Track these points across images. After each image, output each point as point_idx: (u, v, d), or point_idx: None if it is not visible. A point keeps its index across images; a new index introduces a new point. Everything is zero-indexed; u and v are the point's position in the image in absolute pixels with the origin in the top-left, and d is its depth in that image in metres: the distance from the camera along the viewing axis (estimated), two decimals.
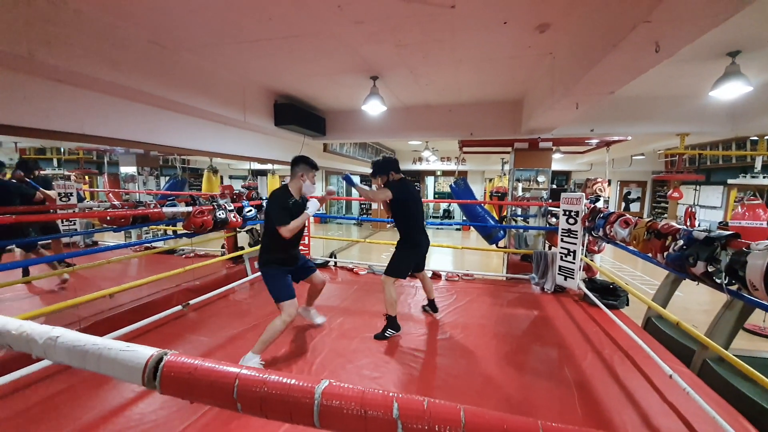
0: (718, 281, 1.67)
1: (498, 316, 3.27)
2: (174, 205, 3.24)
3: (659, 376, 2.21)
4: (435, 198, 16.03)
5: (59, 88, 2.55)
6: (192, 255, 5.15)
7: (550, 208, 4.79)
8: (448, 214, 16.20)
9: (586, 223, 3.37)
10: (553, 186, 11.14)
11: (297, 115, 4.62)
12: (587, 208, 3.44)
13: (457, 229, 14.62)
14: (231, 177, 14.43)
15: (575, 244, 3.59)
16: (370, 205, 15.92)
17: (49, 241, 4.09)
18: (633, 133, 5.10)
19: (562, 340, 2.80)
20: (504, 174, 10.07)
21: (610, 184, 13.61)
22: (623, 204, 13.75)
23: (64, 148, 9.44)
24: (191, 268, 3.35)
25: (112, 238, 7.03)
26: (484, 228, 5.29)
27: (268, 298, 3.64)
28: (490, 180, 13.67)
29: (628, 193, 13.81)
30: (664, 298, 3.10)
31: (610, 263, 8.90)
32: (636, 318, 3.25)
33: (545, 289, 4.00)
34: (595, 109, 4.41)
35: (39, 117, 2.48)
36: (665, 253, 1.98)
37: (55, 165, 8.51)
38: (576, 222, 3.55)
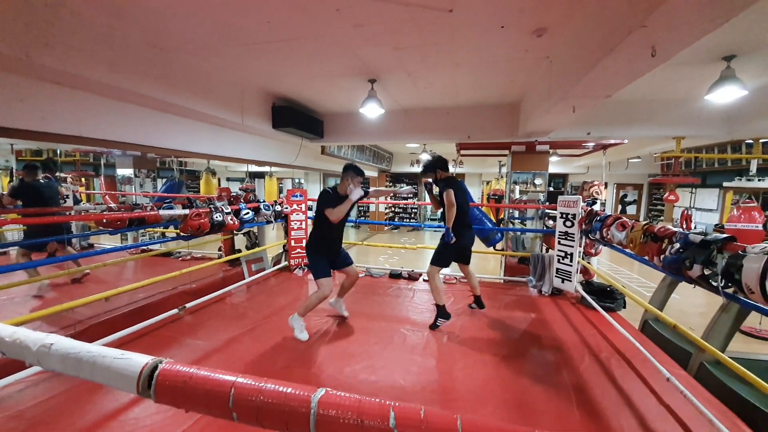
0: (715, 284, 1.68)
1: (495, 318, 3.27)
2: (171, 208, 3.23)
3: (656, 379, 2.21)
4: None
5: (56, 90, 2.54)
6: (189, 258, 5.13)
7: (547, 211, 4.80)
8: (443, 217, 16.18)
9: (583, 226, 3.38)
10: (551, 189, 11.19)
11: (295, 117, 4.63)
12: (584, 211, 3.46)
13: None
14: (228, 179, 14.42)
15: (572, 247, 3.60)
16: (368, 207, 15.92)
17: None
18: (629, 137, 5.13)
19: (560, 343, 2.80)
20: (501, 177, 10.11)
21: (606, 187, 13.72)
22: (620, 207, 13.82)
23: (61, 150, 9.40)
24: (187, 271, 3.33)
25: (109, 241, 6.99)
26: (481, 230, 5.29)
27: (265, 301, 3.67)
28: (488, 182, 13.71)
29: (625, 195, 13.88)
30: (660, 300, 3.12)
31: (607, 266, 8.93)
32: (633, 321, 3.26)
33: (542, 292, 4.00)
34: (591, 112, 4.43)
35: (36, 119, 2.47)
36: (662, 256, 1.99)
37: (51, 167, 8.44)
38: (573, 225, 3.56)
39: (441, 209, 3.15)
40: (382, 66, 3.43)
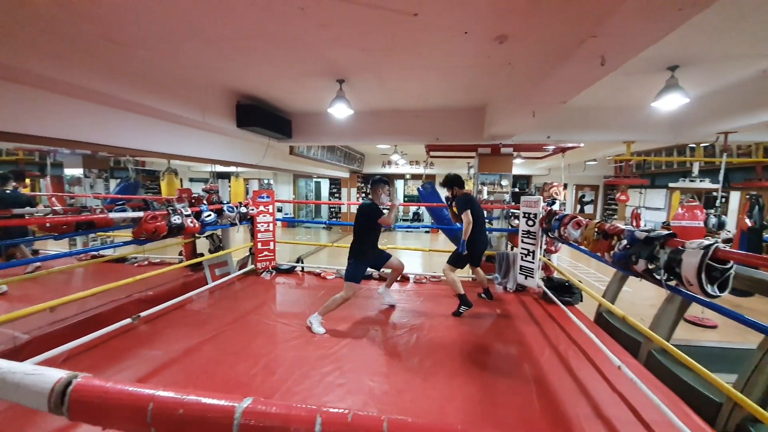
0: (658, 278, 1.81)
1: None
2: (124, 210, 3.02)
3: (609, 368, 2.35)
4: (405, 201, 16.18)
5: None
6: (146, 263, 4.83)
7: (513, 211, 4.98)
8: (417, 217, 16.42)
9: (544, 225, 3.54)
10: (516, 189, 11.65)
11: (261, 116, 4.49)
12: (544, 211, 3.62)
13: (426, 231, 14.85)
14: (192, 180, 13.77)
15: (534, 245, 3.76)
16: (339, 208, 15.80)
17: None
18: (585, 140, 5.45)
19: (522, 337, 2.91)
20: (470, 178, 10.39)
21: (566, 188, 14.50)
22: (578, 206, 14.64)
23: (1, 149, 8.56)
24: (142, 277, 3.13)
25: (57, 247, 6.44)
26: (450, 230, 5.41)
27: (230, 306, 3.53)
28: None
29: (583, 196, 14.72)
30: (613, 294, 3.32)
31: (568, 262, 9.42)
32: (589, 313, 3.45)
33: (507, 289, 4.14)
34: (551, 117, 4.66)
35: None
36: (612, 252, 2.12)
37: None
38: (534, 224, 3.72)
39: (458, 221, 3.57)
40: (350, 67, 3.41)
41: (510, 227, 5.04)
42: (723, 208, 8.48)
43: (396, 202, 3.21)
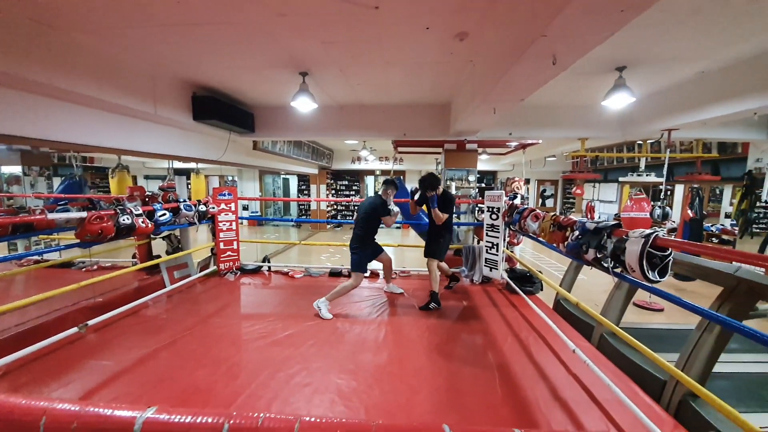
0: (606, 265, 1.93)
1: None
2: (66, 210, 2.78)
3: (565, 352, 2.49)
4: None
5: None
6: (94, 268, 4.48)
7: (480, 206, 5.12)
8: (388, 214, 16.45)
9: (506, 218, 3.67)
10: (482, 185, 12.00)
11: (220, 109, 4.29)
12: (507, 205, 3.75)
13: (397, 227, 14.95)
14: (147, 177, 12.95)
15: (498, 238, 3.89)
16: (309, 205, 15.54)
17: None
18: (543, 137, 5.70)
19: (487, 326, 3.01)
20: (438, 173, 10.56)
21: (529, 183, 15.14)
22: (540, 200, 15.34)
23: None
24: (89, 282, 2.90)
25: None
26: (418, 225, 5.47)
27: (190, 310, 3.37)
28: None
29: (544, 190, 15.46)
30: (569, 282, 3.51)
31: (531, 254, 9.86)
32: (549, 301, 3.63)
33: (474, 281, 4.26)
34: (511, 114, 4.82)
35: None
36: (566, 243, 2.24)
37: None
38: (498, 217, 3.84)
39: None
40: (313, 59, 3.33)
41: (476, 221, 5.18)
42: (668, 200, 9.24)
43: (398, 210, 3.45)
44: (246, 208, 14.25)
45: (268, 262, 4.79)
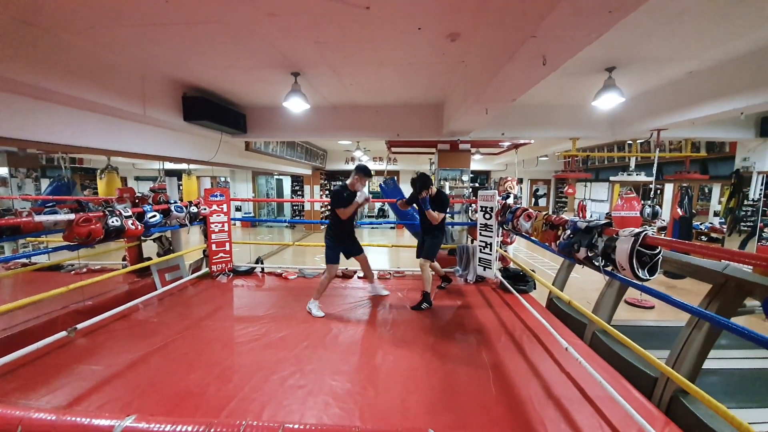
0: (597, 264, 1.95)
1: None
2: (54, 212, 2.72)
3: (558, 350, 2.51)
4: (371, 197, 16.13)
5: None
6: (84, 271, 4.41)
7: (473, 205, 5.15)
8: (383, 213, 16.48)
9: (499, 218, 3.68)
10: (476, 184, 12.06)
11: (211, 110, 4.25)
12: (500, 205, 3.76)
13: (391, 227, 14.95)
14: (138, 178, 12.79)
15: (491, 237, 3.91)
16: (302, 206, 15.47)
17: None
18: (535, 137, 5.74)
19: (481, 326, 3.02)
20: (432, 173, 10.59)
21: (521, 182, 15.24)
22: (533, 200, 15.46)
23: None
24: (78, 285, 2.85)
25: None
26: (412, 226, 5.47)
27: (182, 313, 3.33)
28: None
29: (537, 190, 15.58)
30: (562, 281, 3.54)
31: (524, 253, 9.93)
32: (542, 299, 3.65)
33: (468, 280, 4.28)
34: (503, 114, 4.85)
35: None
36: (558, 242, 2.25)
37: None
38: (491, 217, 3.86)
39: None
40: (305, 60, 3.31)
41: (470, 221, 5.20)
42: (658, 199, 9.37)
43: (359, 200, 3.25)
44: (239, 209, 14.15)
45: (262, 264, 4.75)
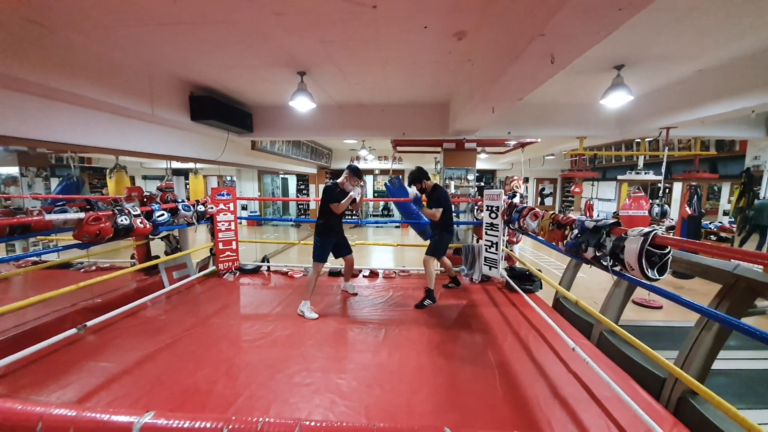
0: (605, 264, 1.93)
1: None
2: (64, 211, 2.77)
3: (565, 350, 2.49)
4: (375, 196, 16.17)
5: None
6: (93, 269, 4.47)
7: (478, 204, 5.12)
8: (387, 212, 16.48)
9: (505, 217, 3.67)
10: (481, 184, 12.00)
11: (218, 109, 4.27)
12: (506, 204, 3.75)
13: (396, 226, 14.94)
14: (145, 177, 12.91)
15: (497, 237, 3.89)
16: (308, 205, 15.53)
17: None
18: (542, 136, 5.70)
19: (487, 325, 3.01)
20: (437, 173, 10.57)
21: (527, 182, 15.15)
22: (539, 199, 15.35)
23: None
24: (88, 283, 2.89)
25: None
26: (418, 225, 5.47)
27: (189, 311, 3.36)
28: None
29: (543, 189, 15.46)
30: (568, 280, 3.51)
31: (530, 252, 9.87)
32: (548, 299, 3.63)
33: (473, 280, 4.26)
34: (510, 113, 4.82)
35: None
36: (565, 241, 2.24)
37: None
38: (497, 216, 3.84)
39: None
40: (311, 59, 3.32)
41: (475, 220, 5.18)
42: (666, 198, 9.26)
43: (354, 195, 3.28)
44: (245, 208, 14.22)
45: (268, 262, 4.78)
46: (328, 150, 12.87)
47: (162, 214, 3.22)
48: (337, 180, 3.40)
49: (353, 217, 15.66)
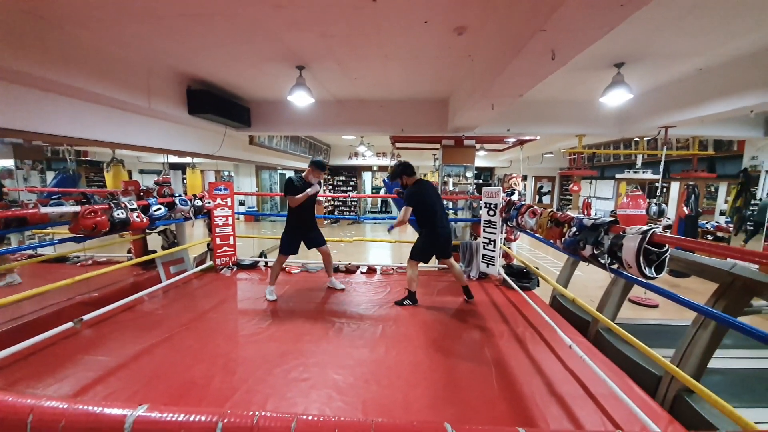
0: (602, 262, 1.93)
1: (428, 305, 3.40)
2: (60, 204, 2.74)
3: (561, 347, 2.50)
4: (372, 193, 16.15)
5: None
6: (89, 262, 4.45)
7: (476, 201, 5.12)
8: (386, 209, 16.48)
9: (503, 215, 3.67)
10: (479, 181, 12.01)
11: (215, 103, 4.24)
12: (504, 201, 3.74)
13: None
14: (142, 171, 12.83)
15: (495, 234, 3.89)
16: None
17: None
18: (541, 134, 5.69)
19: (484, 322, 3.02)
20: (436, 169, 10.56)
21: (526, 179, 15.17)
22: (537, 197, 15.37)
23: None
24: (84, 277, 2.87)
25: None
26: (414, 220, 5.46)
27: (186, 305, 3.36)
28: (424, 175, 14.20)
29: (541, 187, 15.48)
30: (565, 278, 3.52)
31: (528, 250, 9.90)
32: (545, 297, 3.64)
33: (471, 277, 4.27)
34: (509, 110, 4.81)
35: None
36: (563, 239, 2.24)
37: None
38: (495, 214, 3.84)
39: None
40: (310, 53, 3.29)
41: (473, 217, 5.18)
42: (664, 197, 9.29)
43: (310, 190, 3.34)
44: (242, 204, 14.17)
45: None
46: (326, 146, 12.81)
47: (159, 209, 3.20)
48: (302, 174, 3.46)
49: (351, 213, 15.66)
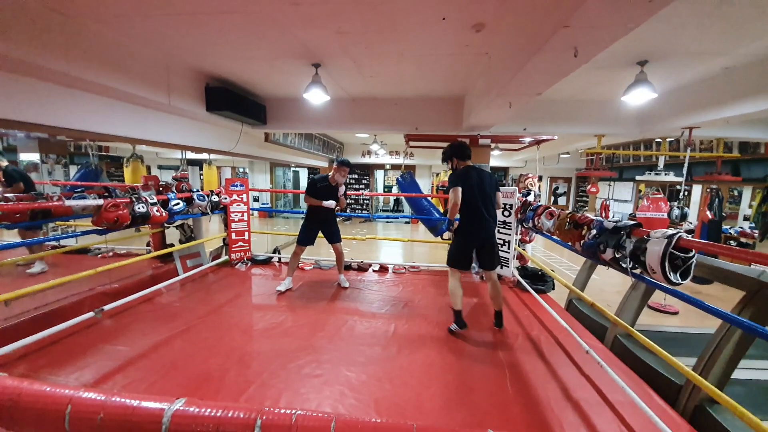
0: (624, 266, 1.88)
1: (441, 305, 3.38)
2: (83, 198, 2.83)
3: (578, 352, 2.45)
4: (384, 191, 16.14)
5: None
6: (110, 254, 4.58)
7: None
8: (398, 207, 16.46)
9: (519, 215, 3.61)
10: None
11: (232, 100, 4.29)
12: (520, 202, 3.68)
13: (406, 222, 14.91)
14: (161, 167, 13.15)
15: (510, 235, 3.84)
16: None
17: None
18: (559, 133, 5.57)
19: None
20: (449, 169, 10.47)
21: (541, 180, 14.92)
22: (552, 198, 15.10)
23: None
24: (106, 268, 2.96)
25: (9, 237, 5.99)
26: (429, 220, 5.44)
27: (202, 299, 3.42)
28: (437, 174, 14.12)
29: (557, 188, 15.20)
30: (582, 281, 3.45)
31: (542, 252, 9.74)
32: (561, 300, 3.57)
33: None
34: (527, 109, 4.72)
35: None
36: (582, 242, 2.19)
37: None
38: (510, 214, 3.78)
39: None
40: (326, 50, 3.30)
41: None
42: (685, 200, 9.00)
43: (325, 204, 3.43)
44: (257, 200, 14.38)
45: (279, 254, 4.82)
46: (339, 144, 12.86)
47: (177, 203, 3.27)
48: (328, 174, 3.52)
49: (363, 211, 15.68)
